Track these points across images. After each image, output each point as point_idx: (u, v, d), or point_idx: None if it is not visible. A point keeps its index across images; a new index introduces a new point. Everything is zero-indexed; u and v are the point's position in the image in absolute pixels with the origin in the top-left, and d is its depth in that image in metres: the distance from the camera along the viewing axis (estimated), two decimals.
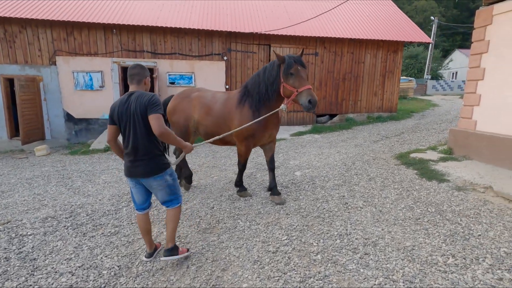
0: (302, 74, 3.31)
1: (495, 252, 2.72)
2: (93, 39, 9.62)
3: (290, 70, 3.30)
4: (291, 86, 3.31)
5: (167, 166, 2.53)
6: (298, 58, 3.35)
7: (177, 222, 2.68)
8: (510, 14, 4.89)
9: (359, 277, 2.41)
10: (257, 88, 3.62)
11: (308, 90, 3.22)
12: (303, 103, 3.22)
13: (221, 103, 3.97)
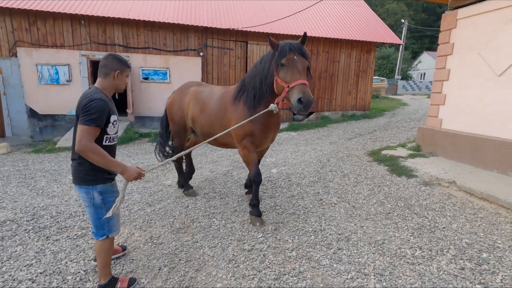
0: (298, 65, 2.59)
1: (457, 243, 2.88)
2: (59, 30, 9.05)
3: (282, 60, 2.63)
4: (282, 80, 2.65)
5: (97, 182, 2.05)
6: (296, 45, 2.65)
7: (106, 259, 2.20)
8: (472, 18, 5.19)
9: (332, 272, 2.45)
10: (253, 82, 3.05)
11: (300, 85, 2.49)
12: (293, 103, 2.52)
13: (216, 99, 3.49)
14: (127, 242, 3.00)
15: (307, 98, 2.45)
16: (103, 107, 1.96)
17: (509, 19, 4.57)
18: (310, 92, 2.50)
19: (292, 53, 2.63)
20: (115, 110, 2.15)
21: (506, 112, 4.65)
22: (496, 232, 3.10)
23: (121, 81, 2.15)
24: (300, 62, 2.63)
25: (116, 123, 2.13)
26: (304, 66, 2.65)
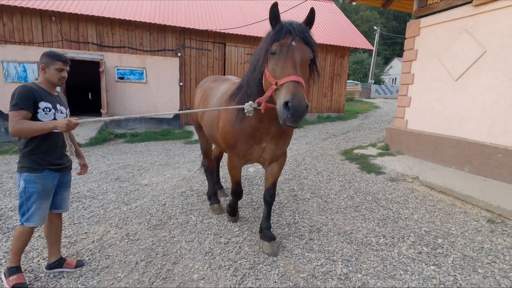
0: (294, 55, 1.88)
1: (417, 231, 3.15)
2: (28, 26, 8.67)
3: (273, 46, 1.94)
4: (271, 75, 1.97)
5: (23, 170, 2.16)
6: (297, 27, 1.96)
7: (16, 245, 2.23)
8: (432, 27, 5.64)
9: (304, 260, 2.61)
10: (247, 76, 2.40)
11: (291, 84, 1.78)
12: (277, 108, 1.86)
13: (217, 97, 3.05)
14: (102, 241, 2.99)
15: (297, 103, 1.70)
16: (25, 92, 2.09)
17: (463, 29, 5.02)
18: (305, 96, 1.77)
19: (290, 38, 1.91)
20: (52, 100, 2.24)
21: (462, 114, 5.09)
22: (451, 220, 3.41)
23: (50, 74, 2.22)
24: (299, 51, 1.89)
25: (49, 110, 2.20)
26: (304, 57, 1.91)
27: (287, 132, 2.53)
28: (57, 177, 2.32)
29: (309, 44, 1.96)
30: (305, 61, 1.96)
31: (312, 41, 1.98)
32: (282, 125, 1.84)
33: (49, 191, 2.27)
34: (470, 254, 2.72)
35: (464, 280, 2.34)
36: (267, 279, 2.36)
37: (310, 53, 1.97)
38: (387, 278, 2.37)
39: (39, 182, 2.19)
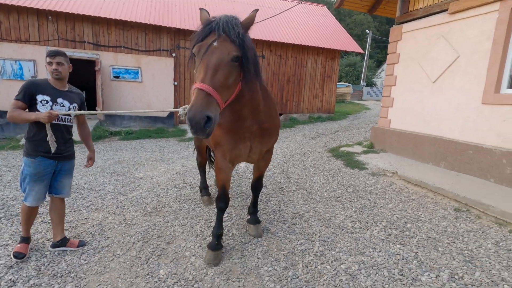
0: (210, 58, 1.68)
1: (389, 217, 3.47)
2: (24, 24, 8.82)
3: (194, 49, 1.79)
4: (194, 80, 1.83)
5: (24, 154, 2.53)
6: (221, 23, 1.73)
7: (22, 219, 2.62)
8: (413, 32, 6.02)
9: (285, 240, 2.90)
10: None
11: (195, 91, 1.62)
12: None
13: None
14: (101, 225, 3.24)
15: (191, 115, 1.54)
16: (25, 85, 2.45)
17: (440, 35, 5.40)
18: (206, 105, 1.57)
19: (212, 37, 1.72)
20: (53, 93, 2.51)
21: (439, 113, 5.46)
22: (422, 209, 3.75)
23: (47, 69, 2.53)
24: (218, 51, 1.68)
25: (46, 102, 2.48)
26: (222, 58, 1.68)
27: (270, 132, 2.47)
28: (52, 164, 2.55)
29: (234, 41, 1.70)
30: (224, 62, 1.68)
31: (238, 37, 1.71)
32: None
33: (42, 175, 2.51)
34: (434, 236, 3.05)
35: (423, 256, 2.66)
36: (252, 256, 2.65)
37: (235, 50, 1.70)
38: (357, 254, 2.68)
39: (32, 166, 2.47)
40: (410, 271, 2.44)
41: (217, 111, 1.64)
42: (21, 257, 2.52)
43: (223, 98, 1.71)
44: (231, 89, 1.78)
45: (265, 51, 11.68)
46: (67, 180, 2.74)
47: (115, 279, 2.33)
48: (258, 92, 2.22)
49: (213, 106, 1.60)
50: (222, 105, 1.71)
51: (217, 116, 1.64)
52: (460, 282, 2.31)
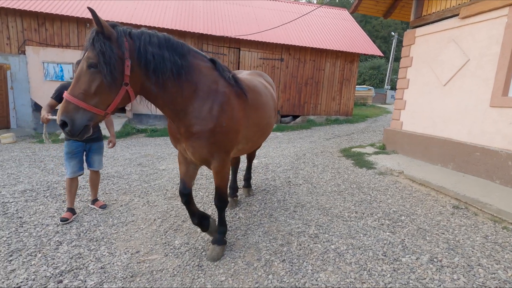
0: (78, 69, 1.82)
1: (386, 210, 3.72)
2: (66, 31, 9.82)
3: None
4: None
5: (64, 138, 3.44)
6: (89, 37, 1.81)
7: (66, 191, 3.42)
8: (425, 36, 6.14)
9: (285, 224, 3.27)
10: None
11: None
12: None
13: None
14: (128, 205, 3.77)
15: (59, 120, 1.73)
16: (59, 87, 3.23)
17: (451, 39, 5.52)
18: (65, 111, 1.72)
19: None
20: None
21: (448, 116, 5.56)
22: (420, 205, 3.95)
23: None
24: (83, 61, 1.80)
25: None
26: (83, 67, 1.78)
27: (199, 136, 2.23)
28: (81, 145, 3.41)
29: (92, 50, 1.76)
30: (83, 71, 1.77)
31: (92, 44, 1.76)
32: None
33: (74, 153, 3.37)
34: (425, 227, 3.28)
35: (409, 242, 2.91)
36: (253, 234, 3.04)
37: (91, 58, 1.75)
38: (348, 238, 2.99)
39: (67, 146, 3.36)
40: (393, 253, 2.71)
41: (82, 115, 1.75)
42: (65, 221, 3.24)
43: (95, 103, 1.78)
44: (103, 94, 1.79)
45: (284, 54, 12.05)
46: (97, 157, 3.59)
47: (138, 245, 2.81)
48: (180, 94, 2.12)
49: (71, 112, 1.72)
50: (96, 110, 1.78)
51: (80, 119, 1.75)
52: (438, 264, 2.56)
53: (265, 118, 2.89)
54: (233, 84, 2.39)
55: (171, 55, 2.00)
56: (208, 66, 2.31)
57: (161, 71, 1.96)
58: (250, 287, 2.24)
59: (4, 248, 2.71)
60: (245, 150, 2.88)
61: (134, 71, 1.89)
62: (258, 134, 2.85)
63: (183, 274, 2.38)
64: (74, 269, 2.42)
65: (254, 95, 2.68)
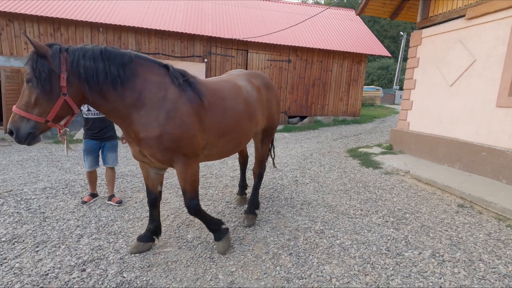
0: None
1: (391, 208, 3.82)
2: (80, 36, 10.17)
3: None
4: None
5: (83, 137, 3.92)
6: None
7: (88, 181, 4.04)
8: (432, 37, 6.19)
9: (292, 220, 3.40)
10: None
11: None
12: None
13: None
14: (142, 202, 3.96)
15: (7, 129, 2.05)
16: None
17: (457, 40, 5.56)
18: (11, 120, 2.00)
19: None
20: None
21: (455, 116, 5.60)
22: (425, 204, 4.03)
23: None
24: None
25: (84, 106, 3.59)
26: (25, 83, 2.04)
27: (147, 143, 2.29)
28: (95, 143, 3.84)
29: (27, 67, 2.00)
30: (24, 86, 2.04)
31: (27, 62, 2.00)
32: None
33: (90, 150, 3.83)
34: (429, 224, 3.36)
35: (412, 238, 3.01)
36: (262, 229, 3.18)
37: (27, 74, 1.99)
38: (352, 234, 3.10)
39: (84, 144, 3.85)
40: (396, 248, 2.82)
41: (25, 124, 1.99)
42: (85, 203, 3.84)
43: (37, 113, 2.01)
44: (41, 105, 2.01)
45: (292, 56, 12.17)
46: (110, 154, 3.95)
47: None
48: (122, 103, 2.20)
49: (17, 121, 1.99)
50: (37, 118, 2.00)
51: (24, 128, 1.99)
52: (439, 258, 2.65)
53: (231, 122, 2.69)
54: (185, 89, 2.38)
55: (106, 66, 2.12)
56: (159, 73, 2.34)
57: (94, 81, 2.10)
58: (259, 277, 2.39)
59: (31, 240, 2.93)
60: (213, 156, 2.79)
61: (71, 83, 2.06)
62: (224, 139, 2.68)
63: (196, 265, 2.54)
64: (96, 259, 2.61)
65: (214, 99, 2.58)
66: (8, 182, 4.86)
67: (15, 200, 4.03)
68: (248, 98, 2.92)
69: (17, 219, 3.41)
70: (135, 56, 2.28)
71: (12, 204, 3.86)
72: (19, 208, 3.76)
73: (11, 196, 4.16)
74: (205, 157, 2.70)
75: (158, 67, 2.38)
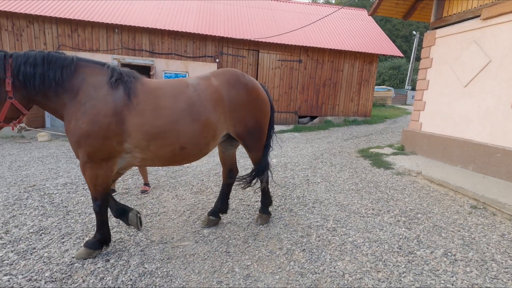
0: None
1: (403, 208, 3.85)
2: (96, 36, 10.46)
3: None
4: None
5: None
6: None
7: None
8: (446, 38, 6.15)
9: (304, 218, 3.48)
10: None
11: None
12: None
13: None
14: (158, 198, 4.10)
15: None
16: None
17: (472, 40, 5.51)
18: None
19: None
20: None
21: (468, 117, 5.56)
22: (438, 204, 4.04)
23: None
24: None
25: None
26: None
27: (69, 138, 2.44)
28: None
29: None
30: None
31: None
32: None
33: None
34: (441, 224, 3.39)
35: (424, 238, 3.05)
36: (275, 226, 3.27)
37: None
38: (364, 232, 3.16)
39: None
40: (408, 247, 2.86)
41: None
42: (145, 192, 4.29)
43: None
44: None
45: (302, 56, 12.20)
46: None
47: (171, 233, 3.12)
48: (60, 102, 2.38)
49: None
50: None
51: None
52: (452, 257, 2.68)
53: (164, 123, 2.47)
54: (117, 89, 2.40)
55: (45, 70, 2.30)
56: (98, 73, 2.44)
57: (33, 84, 2.29)
58: (273, 271, 2.48)
59: (56, 232, 3.09)
60: (149, 161, 2.63)
61: (16, 87, 2.28)
62: (158, 143, 2.49)
63: (212, 258, 2.65)
64: (118, 251, 2.75)
65: (146, 98, 2.48)
66: (31, 178, 5.09)
67: (39, 194, 4.23)
68: (193, 97, 2.60)
69: (42, 212, 3.60)
70: (77, 59, 2.44)
71: (36, 198, 4.06)
72: (43, 202, 3.95)
73: (35, 191, 4.37)
74: (142, 161, 2.62)
75: (100, 68, 2.49)
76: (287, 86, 12.31)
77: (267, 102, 3.02)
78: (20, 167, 5.86)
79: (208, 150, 2.80)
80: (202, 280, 2.36)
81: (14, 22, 9.83)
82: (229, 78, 2.83)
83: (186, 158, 2.70)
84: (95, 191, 2.54)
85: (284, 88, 12.30)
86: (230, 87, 2.78)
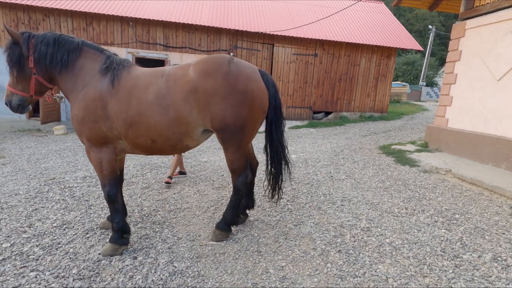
0: None
1: (438, 208, 3.63)
2: (111, 30, 10.40)
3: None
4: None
5: None
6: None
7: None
8: (477, 29, 5.81)
9: (335, 217, 3.30)
10: None
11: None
12: None
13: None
14: (180, 194, 3.99)
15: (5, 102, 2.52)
16: None
17: (508, 31, 5.18)
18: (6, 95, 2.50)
19: None
20: None
21: (502, 112, 5.25)
22: (474, 204, 3.80)
23: None
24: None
25: None
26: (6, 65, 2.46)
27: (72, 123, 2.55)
28: None
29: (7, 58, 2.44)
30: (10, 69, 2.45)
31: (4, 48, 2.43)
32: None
33: None
34: (482, 226, 3.17)
35: (468, 240, 2.84)
36: (305, 225, 3.11)
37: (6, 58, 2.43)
38: (402, 233, 2.97)
39: None
40: (453, 250, 2.66)
41: (15, 98, 2.48)
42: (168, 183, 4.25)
43: (20, 89, 2.47)
44: (21, 82, 2.46)
45: (318, 50, 11.90)
46: None
47: (197, 230, 2.99)
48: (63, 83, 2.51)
49: (9, 96, 2.49)
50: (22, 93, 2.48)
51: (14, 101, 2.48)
52: (503, 263, 2.48)
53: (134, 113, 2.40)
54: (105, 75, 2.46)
55: (56, 51, 2.44)
56: (96, 60, 2.53)
57: (44, 62, 2.43)
58: (310, 273, 2.32)
59: (80, 227, 3.01)
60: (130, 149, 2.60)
61: (37, 64, 2.43)
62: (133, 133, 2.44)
63: (244, 258, 2.51)
64: (145, 248, 2.64)
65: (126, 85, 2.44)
66: (50, 171, 5.05)
67: (60, 187, 4.17)
68: (162, 89, 2.41)
69: (64, 206, 3.53)
70: (82, 43, 2.54)
71: (57, 192, 4.01)
72: (64, 195, 3.89)
73: (55, 184, 4.32)
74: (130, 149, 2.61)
75: (99, 54, 2.56)
76: (302, 80, 12.06)
77: (259, 95, 2.51)
78: (39, 159, 5.85)
79: (186, 146, 2.61)
80: (235, 281, 2.22)
81: (30, 15, 9.85)
82: (209, 66, 2.47)
83: (161, 151, 2.64)
84: (102, 176, 2.57)
85: (299, 82, 12.05)
86: (207, 76, 2.41)
